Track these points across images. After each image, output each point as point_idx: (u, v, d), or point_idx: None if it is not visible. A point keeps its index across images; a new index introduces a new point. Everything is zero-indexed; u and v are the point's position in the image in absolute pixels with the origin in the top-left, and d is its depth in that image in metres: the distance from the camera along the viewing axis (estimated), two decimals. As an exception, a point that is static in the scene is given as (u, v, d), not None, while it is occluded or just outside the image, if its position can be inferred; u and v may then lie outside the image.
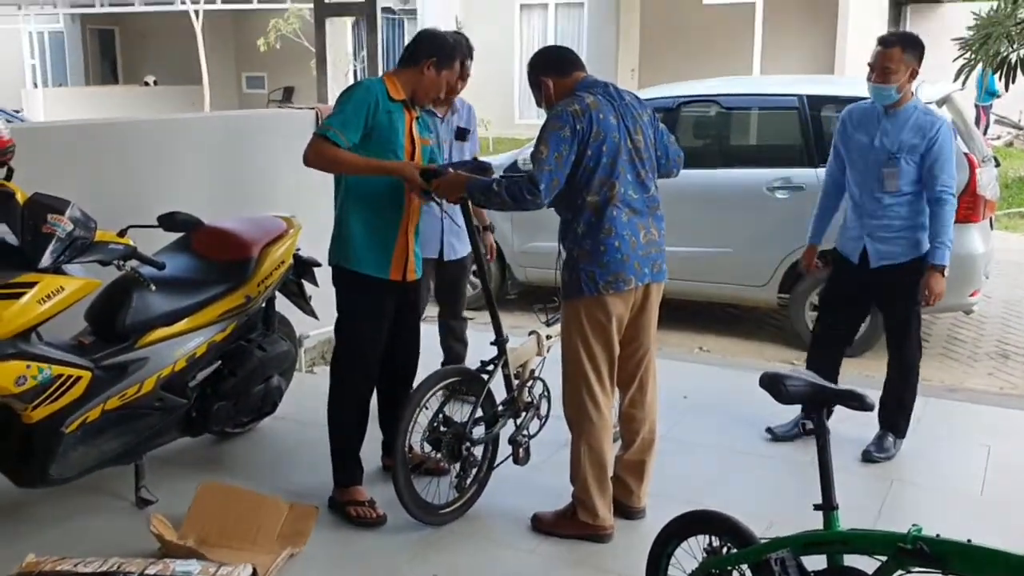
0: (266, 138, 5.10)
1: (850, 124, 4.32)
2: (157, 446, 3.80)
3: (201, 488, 3.52)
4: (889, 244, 4.19)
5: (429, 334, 4.79)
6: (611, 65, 17.82)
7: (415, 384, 3.71)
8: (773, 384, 2.43)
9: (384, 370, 3.85)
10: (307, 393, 4.67)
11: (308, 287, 4.37)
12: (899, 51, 4.06)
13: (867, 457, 4.29)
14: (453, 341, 4.90)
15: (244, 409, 4.09)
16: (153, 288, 3.48)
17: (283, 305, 4.36)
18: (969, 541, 2.20)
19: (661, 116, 6.83)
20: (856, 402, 2.39)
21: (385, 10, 18.87)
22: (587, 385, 3.48)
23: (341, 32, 19.22)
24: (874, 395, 4.00)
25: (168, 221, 3.69)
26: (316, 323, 4.56)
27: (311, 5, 5.99)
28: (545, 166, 3.26)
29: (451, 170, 3.52)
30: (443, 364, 4.66)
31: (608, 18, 18.15)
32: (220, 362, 3.92)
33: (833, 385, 2.46)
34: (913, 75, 4.11)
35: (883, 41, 4.17)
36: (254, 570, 3.00)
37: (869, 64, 4.16)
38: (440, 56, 3.61)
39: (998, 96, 15.99)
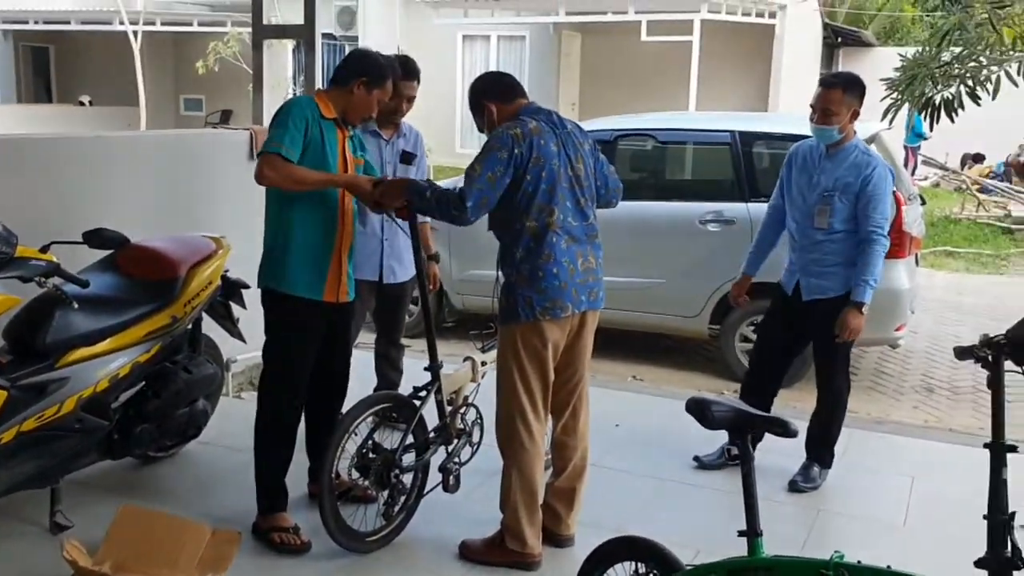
0: (199, 158, 5.04)
1: (795, 162, 4.39)
2: (76, 469, 3.69)
3: (121, 512, 3.41)
4: (821, 279, 4.26)
5: (364, 360, 4.76)
6: (552, 98, 18.00)
7: (345, 409, 3.66)
8: (699, 409, 2.45)
9: (313, 395, 3.80)
10: (233, 418, 4.59)
11: (236, 309, 4.30)
12: (840, 93, 4.13)
13: (793, 487, 4.34)
14: (388, 368, 4.84)
15: (168, 432, 4.00)
16: (75, 306, 3.39)
17: (210, 327, 4.28)
18: (889, 567, 2.24)
19: (600, 148, 7.00)
20: (779, 428, 2.42)
21: (326, 35, 18.78)
22: (520, 411, 3.46)
23: (281, 56, 19.12)
24: (800, 425, 4.07)
25: (93, 238, 3.60)
26: (244, 347, 4.49)
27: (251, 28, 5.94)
28: (475, 184, 3.27)
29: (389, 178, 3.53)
30: (375, 391, 4.61)
31: (549, 52, 18.38)
32: (144, 383, 3.82)
33: (757, 411, 2.48)
34: (854, 116, 4.18)
35: (825, 83, 4.24)
36: (171, 597, 2.91)
37: (811, 105, 4.23)
38: (370, 76, 3.59)
39: (925, 138, 16.55)
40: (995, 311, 9.16)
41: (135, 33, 19.13)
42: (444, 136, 17.62)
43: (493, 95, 3.53)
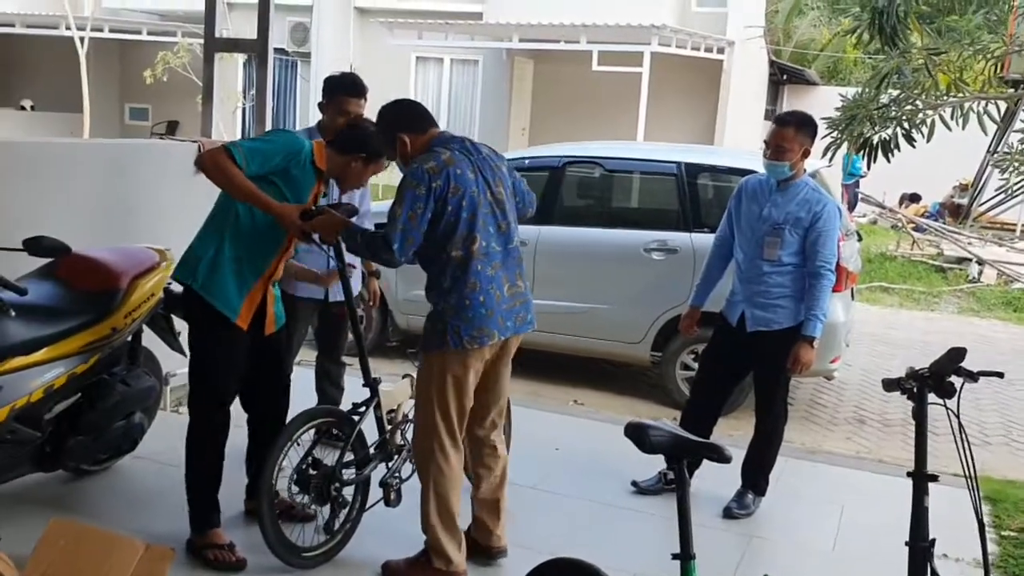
0: (146, 168, 4.99)
1: (745, 194, 4.48)
2: (5, 481, 3.61)
3: (50, 525, 3.33)
4: (766, 311, 4.34)
5: (306, 377, 4.74)
6: (503, 123, 18.14)
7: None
8: (637, 433, 2.49)
9: (253, 412, 3.82)
10: (171, 433, 4.51)
11: (177, 323, 4.25)
12: (793, 131, 4.24)
13: (728, 513, 4.41)
14: (329, 385, 4.83)
15: (102, 445, 3.93)
16: (12, 314, 3.33)
17: (150, 340, 4.23)
18: (815, 591, 2.30)
19: (547, 174, 7.09)
20: (715, 454, 2.47)
21: (278, 51, 18.74)
22: (437, 436, 3.48)
23: (232, 69, 18.97)
24: (737, 453, 4.15)
25: (34, 245, 3.55)
26: (184, 360, 4.42)
27: (203, 40, 5.92)
28: (398, 225, 3.28)
29: (330, 211, 3.55)
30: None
31: (502, 76, 18.51)
32: (80, 395, 3.74)
33: (693, 436, 2.53)
34: (806, 154, 4.30)
35: (779, 120, 4.36)
36: (101, 612, 2.86)
37: (765, 141, 4.35)
38: (368, 154, 3.68)
39: (861, 176, 16.96)
40: (926, 346, 9.41)
41: (81, 39, 18.83)
42: (394, 156, 17.56)
43: (404, 126, 3.50)
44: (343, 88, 4.34)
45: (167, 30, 19.91)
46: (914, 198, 19.68)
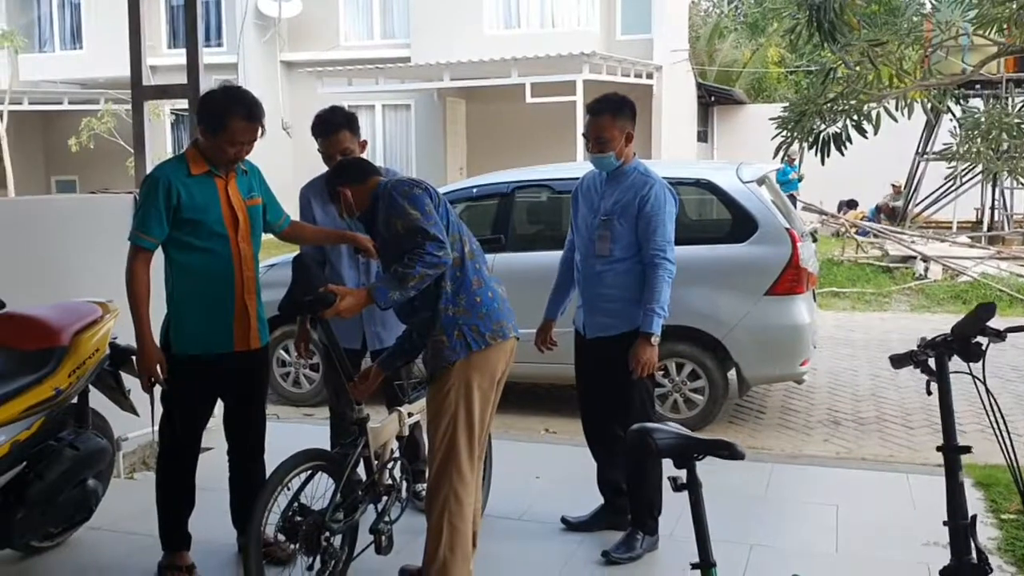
0: (80, 223, 4.76)
1: (580, 192, 4.15)
2: (-54, 566, 3.31)
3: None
4: (603, 315, 3.99)
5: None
6: (440, 164, 18.05)
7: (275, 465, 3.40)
8: (641, 439, 2.32)
9: (231, 440, 3.78)
10: (126, 501, 4.24)
11: (127, 379, 3.98)
12: (610, 118, 3.92)
13: (608, 558, 3.90)
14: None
15: (53, 518, 3.64)
16: (-57, 381, 3.06)
17: (100, 402, 3.95)
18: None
19: (496, 201, 6.95)
20: (726, 451, 2.30)
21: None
22: (457, 462, 3.29)
23: (160, 130, 18.53)
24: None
25: (-38, 307, 3.29)
26: (136, 422, 4.15)
27: (127, 105, 5.70)
28: (425, 221, 3.15)
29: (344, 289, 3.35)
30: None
31: (435, 118, 18.46)
32: (24, 464, 3.45)
33: (700, 436, 2.37)
34: (629, 138, 3.96)
35: (592, 110, 3.99)
36: None
37: (584, 135, 4.04)
38: (206, 121, 3.47)
39: (789, 181, 17.13)
40: (885, 345, 9.43)
41: (0, 114, 18.37)
42: (332, 205, 17.32)
43: (345, 178, 3.40)
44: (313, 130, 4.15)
45: (89, 98, 19.56)
46: (851, 204, 19.98)
